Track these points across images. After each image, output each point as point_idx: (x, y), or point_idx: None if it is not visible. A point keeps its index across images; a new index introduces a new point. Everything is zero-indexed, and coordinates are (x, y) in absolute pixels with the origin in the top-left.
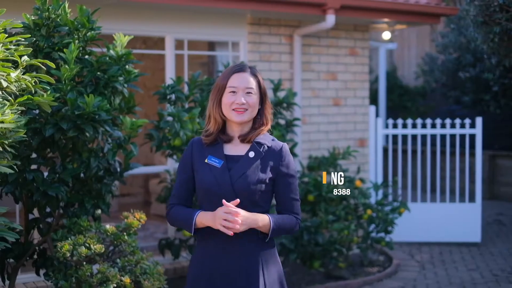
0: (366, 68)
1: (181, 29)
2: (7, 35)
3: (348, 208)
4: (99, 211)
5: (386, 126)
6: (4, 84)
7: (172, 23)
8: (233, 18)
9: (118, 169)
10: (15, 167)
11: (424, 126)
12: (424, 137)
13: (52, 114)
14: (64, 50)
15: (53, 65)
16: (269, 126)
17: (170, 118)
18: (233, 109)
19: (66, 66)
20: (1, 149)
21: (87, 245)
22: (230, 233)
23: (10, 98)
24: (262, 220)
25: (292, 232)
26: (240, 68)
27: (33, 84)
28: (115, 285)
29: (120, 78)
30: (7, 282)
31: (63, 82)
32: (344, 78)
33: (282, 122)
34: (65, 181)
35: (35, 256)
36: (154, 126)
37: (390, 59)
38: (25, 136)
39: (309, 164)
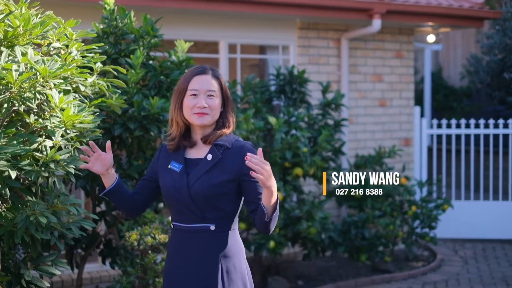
0: (411, 70)
1: (234, 34)
2: (83, 44)
3: (393, 204)
4: (161, 205)
5: (431, 126)
6: (82, 88)
7: (226, 29)
8: (283, 23)
9: None
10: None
11: (468, 126)
12: (468, 137)
13: (120, 115)
14: (131, 56)
15: (124, 71)
16: (231, 129)
17: None
18: (195, 113)
19: (133, 71)
20: (81, 147)
21: (153, 235)
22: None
23: (86, 101)
24: (276, 190)
25: (274, 226)
26: (201, 70)
27: (106, 88)
28: None
29: None
30: (75, 270)
31: (130, 85)
32: (389, 79)
33: (330, 122)
34: (131, 176)
35: (101, 246)
36: None
37: (435, 60)
38: (100, 135)
39: (356, 162)
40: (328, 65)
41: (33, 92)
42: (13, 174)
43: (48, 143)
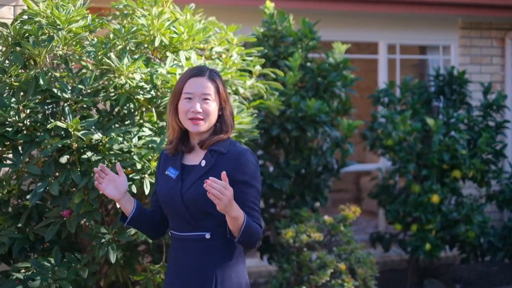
0: None
1: (394, 35)
2: (243, 48)
3: None
4: (317, 204)
5: None
6: (241, 90)
7: (385, 29)
8: (444, 22)
9: (335, 166)
10: None
11: None
12: None
13: (278, 116)
14: (289, 58)
15: (281, 74)
16: (229, 134)
17: (383, 120)
18: (189, 118)
19: (291, 73)
20: None
21: (308, 233)
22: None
23: (245, 102)
24: (239, 211)
25: (256, 240)
26: (197, 72)
27: (264, 90)
28: (332, 271)
29: (338, 83)
30: None
31: (288, 87)
32: None
33: (491, 124)
34: (288, 175)
35: (260, 242)
36: (368, 126)
37: None
38: (258, 135)
39: None
40: (491, 65)
41: None
42: None
43: None
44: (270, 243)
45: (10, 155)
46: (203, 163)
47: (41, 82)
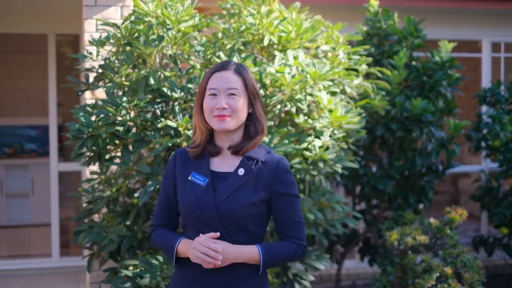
0: None
1: (498, 32)
2: (349, 46)
3: None
4: (421, 206)
5: None
6: (348, 90)
7: (488, 27)
8: None
9: (440, 167)
10: (356, 162)
11: None
12: None
13: (382, 116)
14: (394, 57)
15: (389, 73)
16: (265, 134)
17: (489, 120)
18: (215, 116)
19: (396, 72)
20: (346, 147)
21: (413, 235)
22: (210, 266)
23: (351, 102)
24: (248, 253)
25: (293, 260)
26: (221, 66)
27: (371, 89)
28: (437, 275)
29: (444, 82)
30: (335, 265)
31: (393, 86)
32: None
33: None
34: (392, 176)
35: (360, 244)
36: (473, 127)
37: None
38: (365, 135)
39: None
40: None
41: (303, 94)
42: None
43: (317, 142)
44: (371, 244)
45: (118, 154)
46: (241, 171)
47: (152, 81)
